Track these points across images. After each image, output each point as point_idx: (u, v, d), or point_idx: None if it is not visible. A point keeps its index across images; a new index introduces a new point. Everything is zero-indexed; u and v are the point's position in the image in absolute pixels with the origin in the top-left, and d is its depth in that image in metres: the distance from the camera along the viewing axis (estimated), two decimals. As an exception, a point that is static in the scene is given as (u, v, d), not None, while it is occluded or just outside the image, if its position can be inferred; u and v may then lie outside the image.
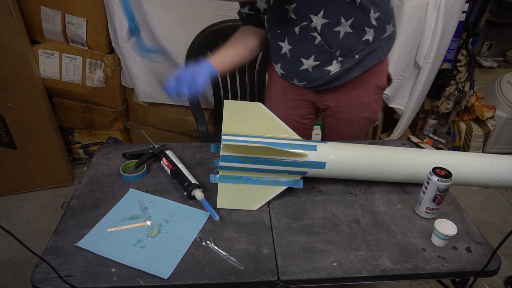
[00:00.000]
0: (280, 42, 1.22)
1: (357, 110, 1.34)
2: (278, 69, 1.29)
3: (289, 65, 1.25)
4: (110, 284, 0.85)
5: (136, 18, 1.01)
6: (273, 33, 1.23)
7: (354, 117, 1.35)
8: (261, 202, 1.08)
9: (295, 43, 1.19)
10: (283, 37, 1.20)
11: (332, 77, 1.21)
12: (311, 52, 1.17)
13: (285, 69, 1.28)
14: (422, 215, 1.08)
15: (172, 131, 2.26)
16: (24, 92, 1.88)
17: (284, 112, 1.36)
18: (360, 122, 1.37)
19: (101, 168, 1.22)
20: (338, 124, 1.39)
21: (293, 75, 1.27)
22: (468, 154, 1.15)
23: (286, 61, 1.25)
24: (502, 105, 2.56)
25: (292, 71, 1.26)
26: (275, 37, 1.23)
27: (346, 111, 1.34)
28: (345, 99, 1.31)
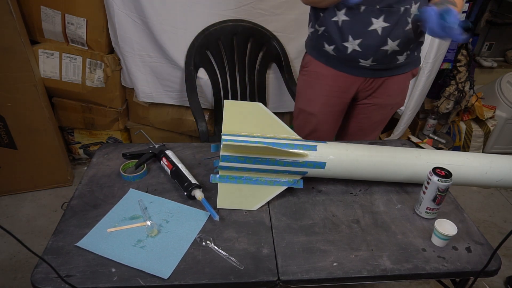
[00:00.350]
0: (373, 17, 1.19)
1: (394, 96, 1.43)
2: (353, 45, 1.25)
3: (373, 42, 1.23)
4: (110, 284, 0.85)
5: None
6: (366, 7, 1.19)
7: (390, 102, 1.44)
8: (261, 202, 1.08)
9: (391, 22, 1.20)
10: (379, 13, 1.19)
11: (396, 66, 1.31)
12: (399, 36, 1.23)
13: (364, 46, 1.25)
14: (422, 215, 1.08)
15: (172, 131, 2.26)
16: (24, 92, 1.88)
17: (323, 108, 1.43)
18: (392, 108, 1.47)
19: (101, 168, 1.22)
20: (372, 111, 1.46)
21: (370, 53, 1.26)
22: (468, 154, 1.15)
23: (371, 37, 1.23)
24: (502, 105, 2.56)
25: (371, 49, 1.25)
26: (369, 11, 1.19)
27: (385, 96, 1.41)
28: (388, 86, 1.38)
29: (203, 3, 1.82)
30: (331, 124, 1.49)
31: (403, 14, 1.19)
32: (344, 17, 1.22)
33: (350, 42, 1.25)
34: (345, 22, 1.23)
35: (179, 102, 2.12)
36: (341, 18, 1.23)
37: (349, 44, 1.26)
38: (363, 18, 1.20)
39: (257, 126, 1.11)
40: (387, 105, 1.45)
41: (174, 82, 2.04)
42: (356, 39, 1.24)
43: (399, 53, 1.28)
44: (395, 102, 1.45)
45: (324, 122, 1.46)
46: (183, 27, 1.86)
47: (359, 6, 1.18)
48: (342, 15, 1.22)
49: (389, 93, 1.40)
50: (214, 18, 1.84)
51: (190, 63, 1.84)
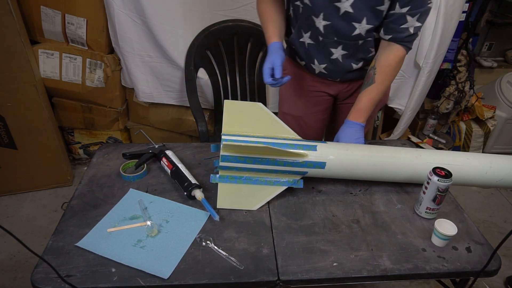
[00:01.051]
0: (332, 48, 1.21)
1: None
2: (319, 68, 1.29)
3: (337, 68, 1.27)
4: (110, 284, 0.85)
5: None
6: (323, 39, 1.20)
7: None
8: (261, 202, 1.08)
9: (351, 51, 1.22)
10: (336, 44, 1.20)
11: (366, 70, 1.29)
12: (363, 59, 1.25)
13: (329, 70, 1.28)
14: (422, 215, 1.08)
15: (172, 131, 2.26)
16: (24, 92, 1.88)
17: (307, 109, 1.42)
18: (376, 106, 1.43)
19: (101, 168, 1.22)
20: None
21: (336, 75, 1.30)
22: (468, 154, 1.15)
23: (335, 64, 1.26)
24: (502, 105, 2.56)
25: (337, 73, 1.29)
26: (326, 43, 1.20)
27: None
28: None
29: (203, 3, 1.82)
30: (318, 122, 1.49)
31: (362, 44, 1.20)
32: (310, 41, 1.23)
33: (316, 66, 1.28)
34: (310, 45, 1.24)
35: (179, 102, 2.12)
36: (307, 41, 1.24)
37: (316, 66, 1.29)
38: (324, 47, 1.22)
39: (257, 126, 1.11)
40: None
41: (174, 82, 2.04)
42: (321, 64, 1.27)
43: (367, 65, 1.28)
44: None
45: (310, 123, 1.46)
46: (183, 27, 1.86)
47: (317, 36, 1.20)
48: (308, 38, 1.23)
49: None
50: (214, 18, 1.83)
51: (190, 63, 1.84)
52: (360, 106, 1.19)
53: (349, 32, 1.15)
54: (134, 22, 1.86)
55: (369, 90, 1.19)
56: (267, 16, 1.24)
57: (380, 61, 1.18)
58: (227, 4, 1.84)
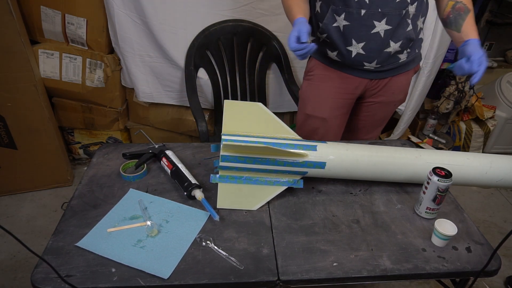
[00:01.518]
0: (375, 20, 1.20)
1: (398, 93, 1.45)
2: (356, 49, 1.26)
3: (377, 45, 1.24)
4: (110, 284, 0.85)
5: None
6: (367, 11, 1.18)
7: (394, 100, 1.46)
8: (261, 202, 1.08)
9: (394, 25, 1.20)
10: (381, 16, 1.19)
11: (399, 65, 1.32)
12: (401, 37, 1.24)
13: (368, 49, 1.25)
14: (422, 215, 1.08)
15: (172, 131, 2.26)
16: (24, 92, 1.88)
17: (332, 112, 1.43)
18: (395, 104, 1.50)
19: (101, 168, 1.22)
20: (376, 109, 1.48)
21: (374, 56, 1.27)
22: (468, 154, 1.15)
23: (374, 40, 1.23)
24: (502, 105, 2.56)
25: (375, 52, 1.26)
26: (370, 15, 1.19)
27: (389, 94, 1.43)
28: (392, 84, 1.40)
29: (203, 3, 1.82)
30: (340, 125, 1.50)
31: (404, 16, 1.20)
32: (345, 22, 1.22)
33: (354, 46, 1.26)
34: (346, 27, 1.23)
35: (179, 102, 2.12)
36: (342, 23, 1.23)
37: (353, 48, 1.26)
38: (365, 22, 1.20)
39: (257, 126, 1.11)
40: (390, 102, 1.47)
41: (174, 82, 2.04)
42: (359, 42, 1.24)
43: (401, 52, 1.29)
44: (398, 99, 1.47)
45: (333, 124, 1.46)
46: (183, 27, 1.86)
47: (359, 10, 1.18)
48: (342, 20, 1.22)
49: (394, 91, 1.42)
50: (214, 18, 1.83)
51: (190, 63, 1.84)
52: (472, 28, 1.18)
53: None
54: (134, 22, 1.86)
55: (470, 15, 1.19)
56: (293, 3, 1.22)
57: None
58: (227, 4, 1.84)
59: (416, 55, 1.38)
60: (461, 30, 1.19)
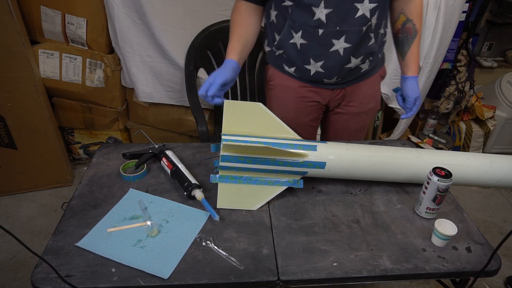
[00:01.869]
0: (334, 39, 1.14)
1: (366, 102, 1.39)
2: (315, 67, 1.21)
3: (336, 63, 1.19)
4: (110, 284, 0.85)
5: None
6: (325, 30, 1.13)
7: (363, 109, 1.40)
8: (261, 202, 1.08)
9: (354, 42, 1.15)
10: (339, 35, 1.13)
11: (361, 74, 1.28)
12: (362, 53, 1.20)
13: (327, 68, 1.21)
14: (422, 215, 1.07)
15: (172, 131, 2.26)
16: (24, 92, 1.88)
17: (299, 120, 1.38)
18: (367, 113, 1.43)
19: (101, 168, 1.22)
20: (347, 120, 1.42)
21: (334, 73, 1.23)
22: (468, 154, 1.15)
23: (334, 58, 1.18)
24: (502, 105, 2.56)
25: (335, 69, 1.22)
26: (328, 33, 1.13)
27: (357, 104, 1.37)
28: (357, 92, 1.34)
29: (203, 3, 1.82)
30: (311, 132, 1.44)
31: (365, 32, 1.14)
32: (302, 40, 1.16)
33: (312, 65, 1.21)
34: (304, 45, 1.17)
35: (179, 102, 2.12)
36: (299, 41, 1.17)
37: (311, 66, 1.22)
38: (323, 41, 1.15)
39: (257, 126, 1.11)
40: (360, 112, 1.40)
41: (174, 82, 2.04)
42: (317, 61, 1.20)
43: (362, 63, 1.25)
44: (368, 108, 1.41)
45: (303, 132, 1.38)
46: (183, 27, 1.86)
47: (316, 30, 1.13)
48: (299, 38, 1.16)
49: (360, 99, 1.36)
50: (214, 18, 1.83)
51: (190, 63, 1.84)
52: (414, 60, 1.23)
53: (352, 15, 1.10)
54: (134, 22, 1.86)
55: (416, 41, 1.22)
56: (235, 28, 1.18)
57: (411, 11, 1.19)
58: (227, 4, 1.83)
59: (378, 60, 1.32)
60: (405, 59, 1.25)
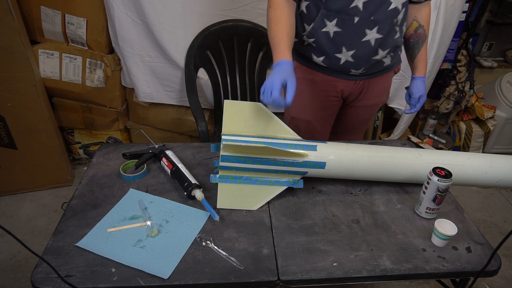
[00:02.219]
0: (367, 28, 1.16)
1: (380, 95, 1.44)
2: (346, 56, 1.22)
3: (366, 53, 1.22)
4: (110, 284, 0.85)
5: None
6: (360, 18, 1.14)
7: (376, 102, 1.46)
8: (261, 202, 1.08)
9: (385, 33, 1.18)
10: (373, 24, 1.16)
11: (383, 68, 1.32)
12: (389, 45, 1.24)
13: (357, 57, 1.22)
14: (422, 215, 1.08)
15: (172, 131, 2.26)
16: (24, 92, 1.88)
17: (317, 114, 1.41)
18: (378, 105, 1.50)
19: (101, 168, 1.22)
20: (359, 112, 1.47)
21: (362, 63, 1.25)
22: (468, 154, 1.15)
23: (364, 49, 1.20)
24: (502, 105, 2.56)
25: (364, 60, 1.24)
26: (363, 22, 1.15)
27: (371, 97, 1.41)
28: (374, 85, 1.38)
29: (203, 3, 1.82)
30: (325, 127, 1.48)
31: (394, 24, 1.19)
32: (336, 28, 1.17)
33: (344, 53, 1.22)
34: (337, 33, 1.18)
35: (179, 102, 2.12)
36: (333, 29, 1.18)
37: (342, 55, 1.22)
38: (357, 29, 1.16)
39: (257, 126, 1.11)
40: (373, 105, 1.47)
41: (174, 82, 2.04)
42: (349, 50, 1.21)
43: (386, 57, 1.28)
44: (380, 100, 1.47)
45: (319, 126, 1.45)
46: (183, 27, 1.86)
47: (353, 17, 1.14)
48: (333, 26, 1.17)
49: (375, 93, 1.40)
50: (214, 18, 1.83)
51: (190, 63, 1.84)
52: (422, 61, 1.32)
53: (386, 7, 1.14)
54: (134, 22, 1.86)
55: (425, 45, 1.30)
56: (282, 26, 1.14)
57: (423, 18, 1.28)
58: (227, 4, 1.84)
59: (397, 57, 1.36)
60: (414, 61, 1.33)
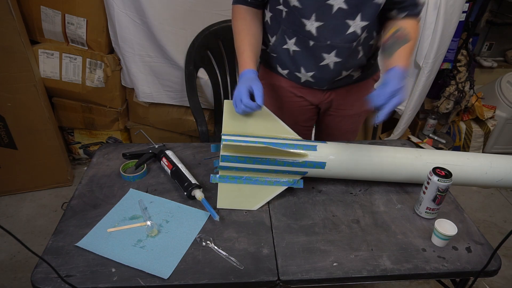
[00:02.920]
0: (324, 53, 1.13)
1: (358, 105, 1.37)
2: (305, 77, 1.21)
3: (327, 75, 1.19)
4: (110, 284, 0.85)
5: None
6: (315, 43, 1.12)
7: (355, 112, 1.39)
8: (261, 202, 1.08)
9: (344, 57, 1.14)
10: (330, 49, 1.12)
11: (353, 80, 1.27)
12: (353, 66, 1.20)
13: (317, 78, 1.21)
14: (422, 215, 1.07)
15: (172, 131, 2.26)
16: (24, 92, 1.88)
17: (292, 119, 1.35)
18: (359, 116, 1.42)
19: (101, 168, 1.22)
20: (339, 121, 1.41)
21: (324, 83, 1.23)
22: (468, 154, 1.14)
23: (324, 71, 1.18)
24: (502, 105, 2.56)
25: (325, 80, 1.22)
26: (319, 47, 1.12)
27: (348, 107, 1.37)
28: (349, 96, 1.33)
29: (203, 3, 1.82)
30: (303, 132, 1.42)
31: (354, 47, 1.13)
32: (295, 47, 1.15)
33: (303, 74, 1.21)
34: (296, 53, 1.16)
35: (179, 102, 2.12)
36: (292, 48, 1.16)
37: (302, 75, 1.21)
38: (313, 53, 1.14)
39: (257, 126, 1.11)
40: (353, 115, 1.40)
41: (174, 82, 2.04)
42: (308, 72, 1.19)
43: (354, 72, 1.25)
44: (360, 110, 1.40)
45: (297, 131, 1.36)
46: (183, 27, 1.86)
47: (307, 40, 1.11)
48: (293, 44, 1.15)
49: (352, 102, 1.35)
50: (214, 18, 1.83)
51: (190, 63, 1.84)
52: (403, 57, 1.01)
53: (343, 31, 1.08)
54: (134, 22, 1.86)
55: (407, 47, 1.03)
56: (245, 37, 1.15)
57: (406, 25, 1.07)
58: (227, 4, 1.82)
59: (372, 66, 1.30)
60: (392, 56, 1.02)
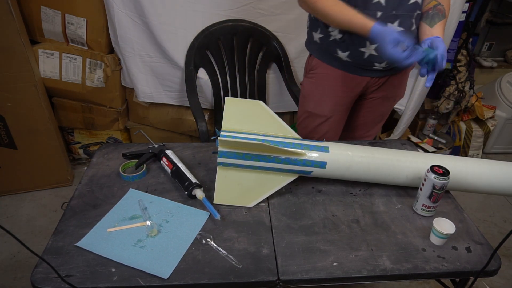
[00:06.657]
0: (389, 23, 1.20)
1: (398, 88, 1.47)
2: (369, 50, 1.25)
3: None
4: (110, 284, 0.85)
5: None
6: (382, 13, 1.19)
7: (395, 94, 1.49)
8: (259, 199, 1.08)
9: (406, 27, 1.22)
10: (394, 18, 1.20)
11: None
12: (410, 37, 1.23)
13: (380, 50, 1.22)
14: (418, 211, 1.08)
15: (172, 131, 2.26)
16: (24, 92, 1.88)
17: (334, 108, 1.43)
18: (395, 99, 1.52)
19: (101, 168, 1.22)
20: (377, 104, 1.49)
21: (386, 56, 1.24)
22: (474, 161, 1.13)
23: None
24: (502, 105, 2.56)
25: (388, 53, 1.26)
26: (385, 17, 1.19)
27: (390, 89, 1.44)
28: (393, 79, 1.41)
29: (203, 3, 1.83)
30: (340, 122, 1.50)
31: (416, 18, 1.22)
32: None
33: (368, 47, 1.25)
34: None
35: (179, 102, 2.12)
36: None
37: (366, 49, 1.25)
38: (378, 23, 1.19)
39: (257, 124, 1.10)
40: (391, 97, 1.48)
41: (174, 82, 2.04)
42: (373, 44, 1.24)
43: None
44: (398, 93, 1.49)
45: (335, 122, 1.46)
46: (183, 27, 1.86)
47: (375, 12, 1.18)
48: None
49: (394, 85, 1.44)
50: (214, 18, 1.84)
51: (190, 63, 1.84)
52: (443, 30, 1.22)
53: (407, 1, 1.18)
54: (134, 22, 1.86)
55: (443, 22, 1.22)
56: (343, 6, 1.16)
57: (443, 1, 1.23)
58: (227, 4, 1.84)
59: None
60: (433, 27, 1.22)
